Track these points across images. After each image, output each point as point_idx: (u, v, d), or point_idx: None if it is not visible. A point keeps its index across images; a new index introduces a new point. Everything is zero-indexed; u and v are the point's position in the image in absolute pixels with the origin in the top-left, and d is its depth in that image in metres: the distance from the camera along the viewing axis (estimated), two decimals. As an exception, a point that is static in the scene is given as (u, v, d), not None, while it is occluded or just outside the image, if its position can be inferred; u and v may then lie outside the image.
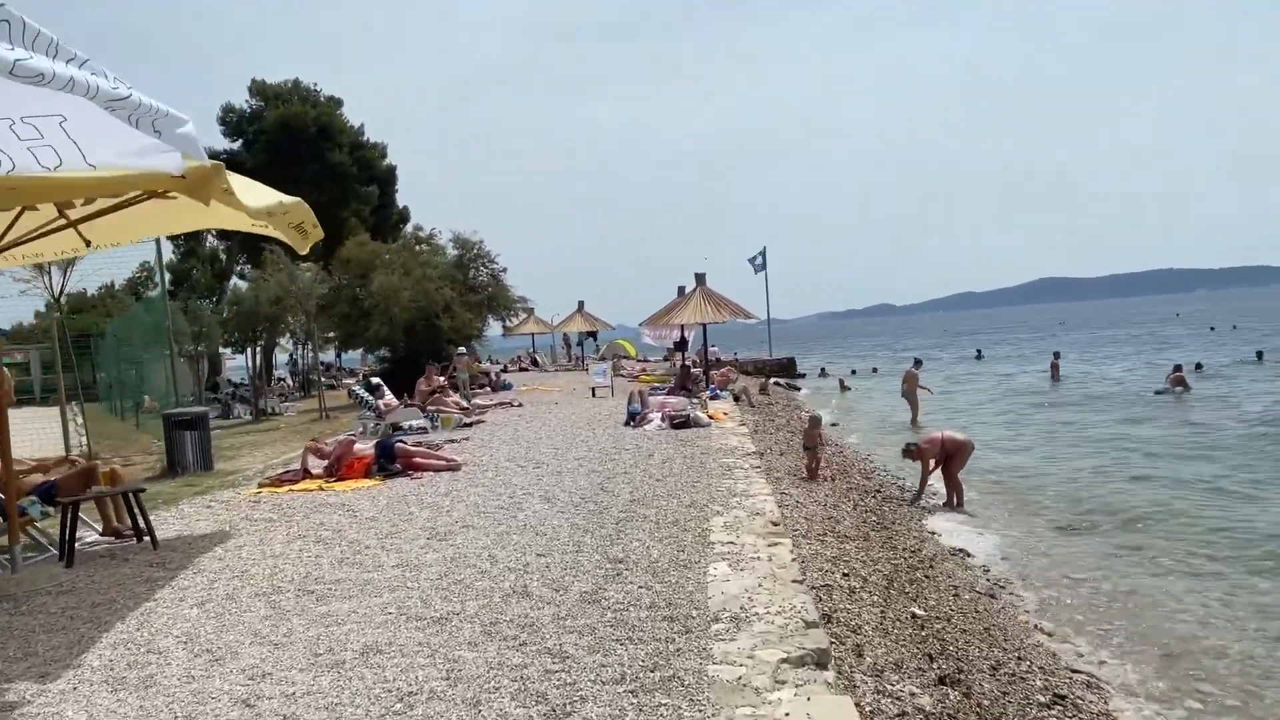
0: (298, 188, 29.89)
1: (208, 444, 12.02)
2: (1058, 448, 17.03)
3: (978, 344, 64.74)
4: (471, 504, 8.10)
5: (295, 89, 39.30)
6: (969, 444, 12.28)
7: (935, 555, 9.23)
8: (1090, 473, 14.38)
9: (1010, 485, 13.76)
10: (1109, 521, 11.18)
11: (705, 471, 9.34)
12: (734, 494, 7.96)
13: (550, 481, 9.09)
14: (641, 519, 6.96)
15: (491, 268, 28.85)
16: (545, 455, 11.28)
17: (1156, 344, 51.45)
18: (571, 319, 40.60)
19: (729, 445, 11.65)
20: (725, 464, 9.90)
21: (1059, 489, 13.34)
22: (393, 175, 44.83)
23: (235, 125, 39.20)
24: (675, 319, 24.62)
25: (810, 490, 11.07)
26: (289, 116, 37.18)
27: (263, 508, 8.78)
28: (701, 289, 23.64)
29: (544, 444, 12.60)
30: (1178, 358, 39.30)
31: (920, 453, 12.28)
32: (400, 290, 26.09)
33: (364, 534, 7.14)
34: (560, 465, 10.25)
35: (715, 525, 6.66)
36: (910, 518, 11.19)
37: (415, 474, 10.22)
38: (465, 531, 6.93)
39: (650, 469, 9.57)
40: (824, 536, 8.56)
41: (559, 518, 7.22)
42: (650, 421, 14.49)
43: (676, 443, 12.05)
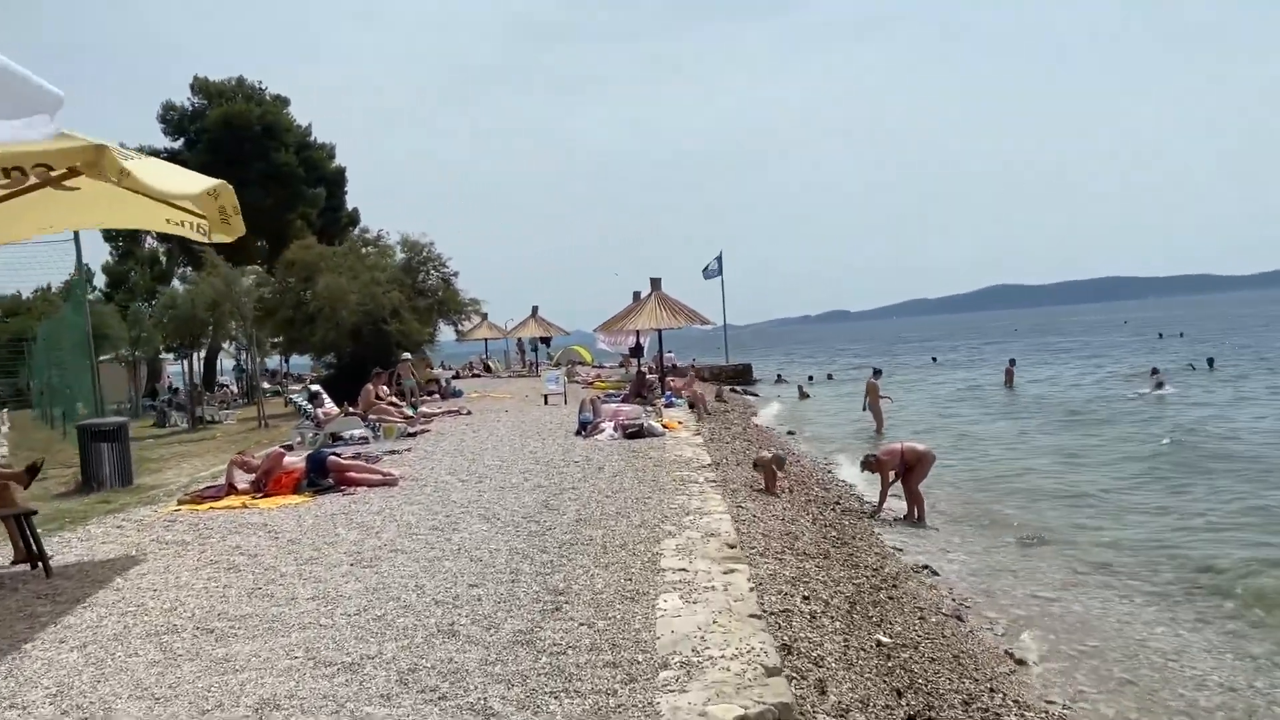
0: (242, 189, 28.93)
1: (127, 457, 11.24)
2: (1018, 457, 16.81)
3: (933, 350, 65.10)
4: (404, 524, 7.49)
5: (240, 87, 38.22)
6: (930, 455, 11.90)
7: (898, 573, 8.80)
8: (1052, 483, 14.12)
9: (971, 497, 13.43)
10: (1075, 535, 10.87)
11: (658, 486, 8.81)
12: (687, 511, 7.44)
13: (492, 498, 8.50)
14: (587, 542, 6.41)
15: (442, 271, 28.12)
16: (489, 468, 10.68)
17: (1105, 351, 52.00)
18: (525, 324, 39.90)
19: (683, 456, 11.14)
20: (679, 477, 9.39)
21: (1021, 501, 13.04)
22: (342, 177, 43.81)
23: (176, 124, 37.99)
24: (630, 325, 24.11)
25: (767, 504, 10.59)
26: (232, 114, 36.09)
27: (177, 528, 8.09)
28: (657, 294, 23.14)
29: (489, 455, 12.00)
30: (1130, 363, 39.72)
31: (879, 464, 11.88)
32: (346, 294, 25.27)
33: (282, 559, 6.50)
34: (504, 479, 9.66)
35: (667, 548, 6.14)
36: (871, 532, 10.77)
37: (348, 489, 9.56)
38: (393, 557, 6.32)
39: (599, 484, 9.02)
40: (782, 554, 8.07)
41: (497, 540, 6.64)
42: (602, 431, 13.93)
43: (629, 454, 11.52)
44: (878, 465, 11.86)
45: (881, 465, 11.81)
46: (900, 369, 47.01)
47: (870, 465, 12.00)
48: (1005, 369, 34.28)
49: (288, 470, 9.81)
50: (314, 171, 39.87)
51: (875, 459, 11.93)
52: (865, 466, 12.13)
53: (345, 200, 44.78)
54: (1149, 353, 45.94)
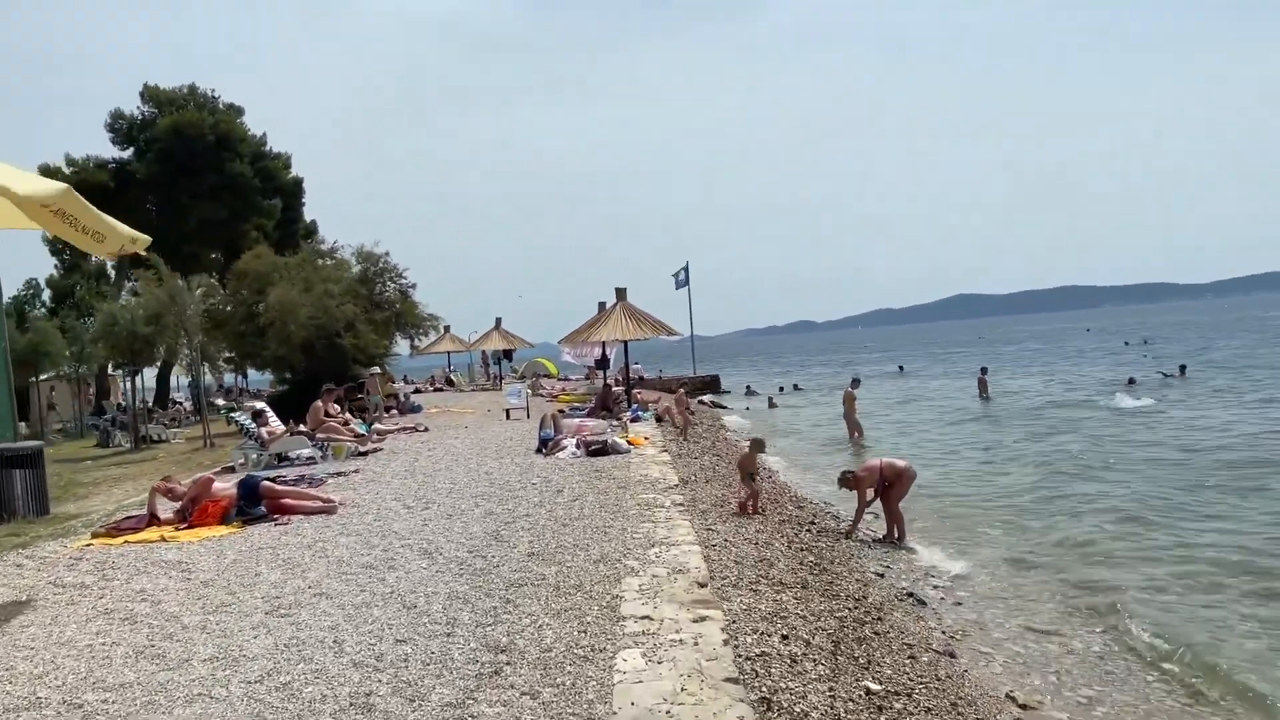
0: (194, 200, 27.70)
1: (42, 484, 10.32)
2: (997, 470, 16.21)
3: (899, 359, 64.96)
4: (335, 560, 6.68)
5: (191, 95, 37.08)
6: (910, 472, 11.23)
7: (882, 603, 8.10)
8: (1034, 498, 13.52)
9: (952, 513, 12.79)
10: (1064, 553, 10.24)
11: (620, 512, 8.07)
12: (653, 542, 6.71)
13: (437, 528, 7.71)
14: (537, 581, 5.65)
15: (399, 283, 27.20)
16: (439, 492, 9.87)
17: (1070, 357, 52.01)
18: (488, 336, 39.02)
19: (649, 476, 10.41)
20: (644, 500, 8.65)
21: (1005, 516, 12.41)
22: (299, 188, 42.74)
23: (125, 133, 36.77)
24: (595, 336, 23.40)
25: (739, 526, 9.88)
26: (183, 123, 34.94)
27: (81, 568, 7.21)
28: (622, 304, 22.46)
29: (441, 477, 11.18)
30: (1096, 370, 39.57)
31: (857, 481, 11.20)
32: (297, 306, 24.30)
33: (188, 606, 5.67)
34: (454, 505, 8.87)
35: (629, 589, 5.39)
36: (850, 555, 10.07)
37: (281, 519, 8.72)
38: (315, 603, 5.52)
39: (557, 510, 8.25)
40: (757, 585, 7.35)
41: (436, 580, 5.86)
42: (564, 449, 13.18)
43: (591, 474, 10.76)
44: (855, 482, 11.19)
45: (859, 482, 11.14)
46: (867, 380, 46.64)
47: (848, 482, 11.32)
48: (978, 378, 33.84)
49: (215, 498, 8.94)
50: (270, 182, 38.80)
51: (853, 476, 11.26)
52: (843, 484, 11.45)
53: (303, 211, 43.71)
54: (1111, 356, 45.91)
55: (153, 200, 37.05)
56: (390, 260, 27.31)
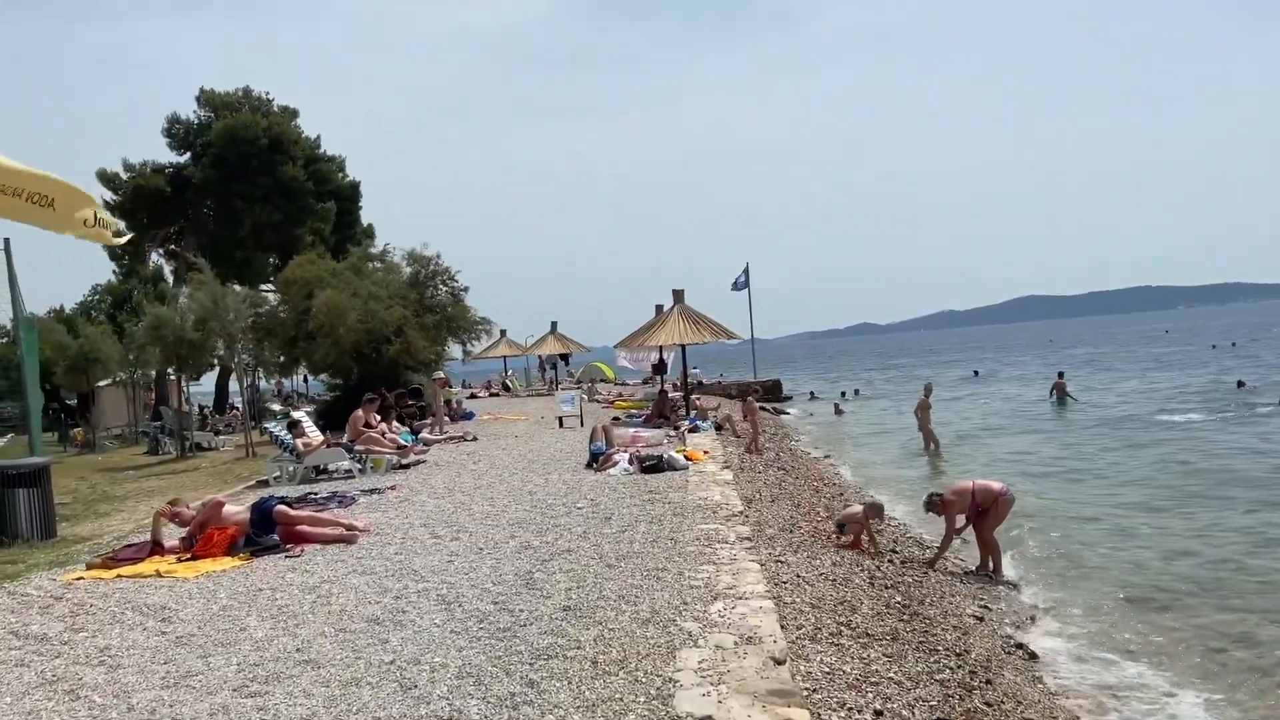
0: (248, 204, 27.10)
1: (48, 504, 9.47)
2: (1099, 486, 14.64)
3: (968, 363, 62.75)
4: (337, 611, 5.62)
5: (246, 98, 36.81)
6: (1007, 496, 9.84)
7: (989, 659, 6.81)
8: (1145, 518, 12.03)
9: (1052, 539, 11.34)
10: (1196, 592, 8.81)
11: (677, 548, 6.90)
12: (715, 593, 5.54)
13: (463, 565, 6.63)
14: (571, 652, 4.51)
15: (451, 285, 26.32)
16: (474, 517, 8.81)
17: (1155, 362, 49.47)
18: (544, 341, 38.15)
19: (710, 500, 9.22)
20: (704, 533, 7.47)
21: (1114, 542, 10.96)
22: (356, 191, 42.33)
23: (182, 138, 36.62)
24: (652, 340, 22.23)
25: (812, 556, 8.65)
26: (237, 126, 34.62)
27: (56, 611, 6.26)
28: (680, 306, 21.28)
29: (479, 498, 10.13)
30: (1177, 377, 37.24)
31: (945, 506, 9.86)
32: (345, 311, 23.57)
33: (148, 676, 4.64)
34: (487, 535, 7.79)
35: (685, 667, 4.23)
36: (941, 593, 8.76)
37: (295, 548, 7.73)
38: (298, 676, 4.44)
39: (603, 544, 7.11)
40: (839, 637, 6.13)
41: (449, 644, 4.75)
42: (615, 464, 12.05)
43: (644, 496, 9.61)
44: (943, 507, 9.86)
45: (948, 507, 9.80)
46: (938, 385, 44.78)
47: (935, 506, 9.99)
48: (1055, 383, 31.96)
49: (224, 524, 7.98)
50: (324, 185, 38.38)
51: (940, 499, 9.92)
52: (929, 508, 10.12)
53: (360, 216, 43.32)
54: (1201, 365, 43.44)
55: (209, 205, 36.91)
56: (441, 262, 26.46)
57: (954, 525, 9.83)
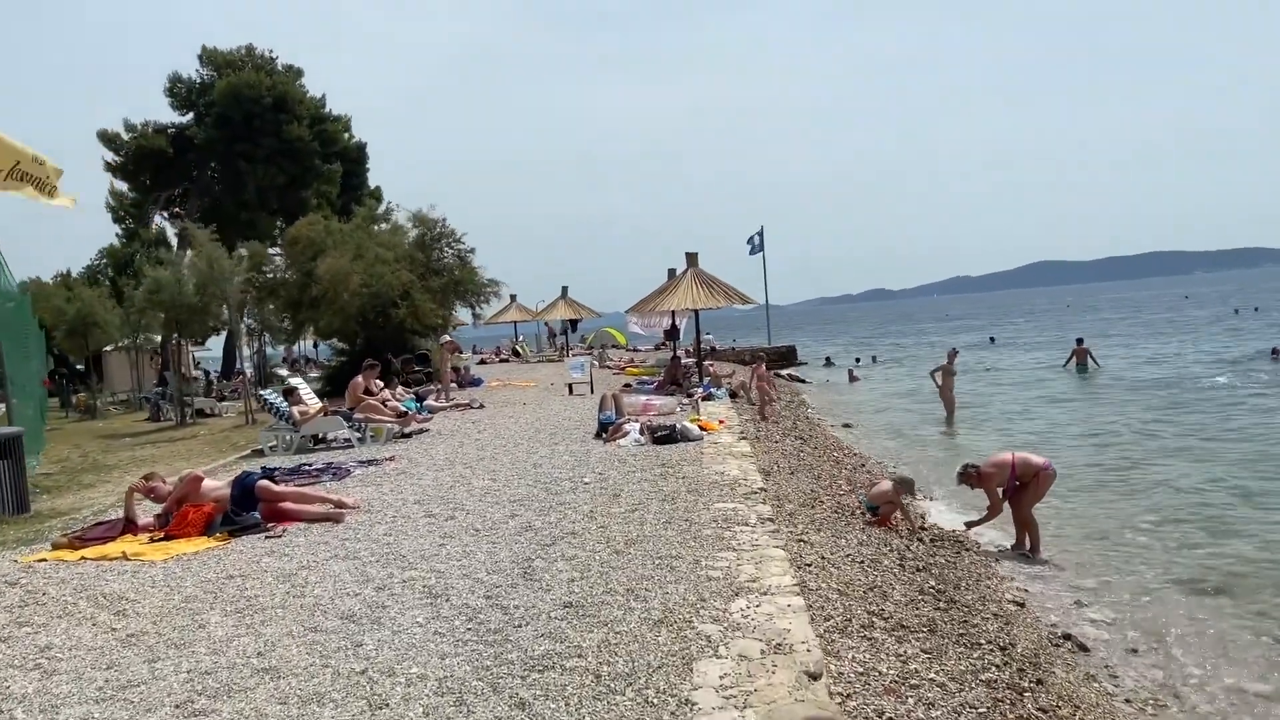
0: (252, 165, 26.37)
1: (21, 476, 8.89)
2: (1136, 459, 13.88)
3: (983, 329, 61.81)
4: (310, 604, 5.00)
5: (249, 56, 35.96)
6: (1049, 470, 9.15)
7: (1036, 653, 6.16)
8: (1188, 495, 11.32)
9: (1087, 514, 10.65)
10: (1253, 574, 8.13)
11: (692, 530, 6.25)
12: (736, 587, 4.89)
13: (456, 550, 6.00)
14: (572, 662, 3.87)
15: (457, 248, 25.62)
16: (473, 493, 8.18)
17: (1179, 328, 48.44)
18: (554, 306, 37.43)
19: (727, 475, 8.57)
20: (721, 513, 6.82)
21: (1155, 517, 10.27)
22: (362, 153, 41.55)
23: (184, 97, 35.86)
24: (665, 305, 21.50)
25: (838, 536, 8.00)
26: (240, 85, 33.82)
27: (6, 599, 5.66)
28: (693, 270, 20.53)
29: (480, 471, 9.52)
30: (1202, 343, 36.28)
31: (982, 478, 9.18)
32: (349, 274, 22.93)
33: (79, 686, 4.03)
34: (485, 514, 7.16)
35: (704, 684, 3.59)
36: (976, 575, 8.11)
37: (276, 527, 7.13)
38: (252, 688, 3.82)
39: (610, 526, 6.47)
40: (871, 629, 5.50)
41: (430, 650, 4.12)
42: (626, 434, 11.41)
43: (656, 470, 8.96)
44: (979, 479, 9.16)
45: (986, 480, 9.11)
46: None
47: (969, 478, 9.29)
48: (1074, 349, 31.08)
49: (201, 502, 7.38)
50: (330, 146, 37.59)
51: (976, 471, 9.22)
52: (963, 479, 9.41)
53: (367, 178, 42.57)
54: (1230, 331, 42.44)
55: (213, 167, 36.22)
56: (448, 224, 25.74)
57: (997, 499, 9.11)
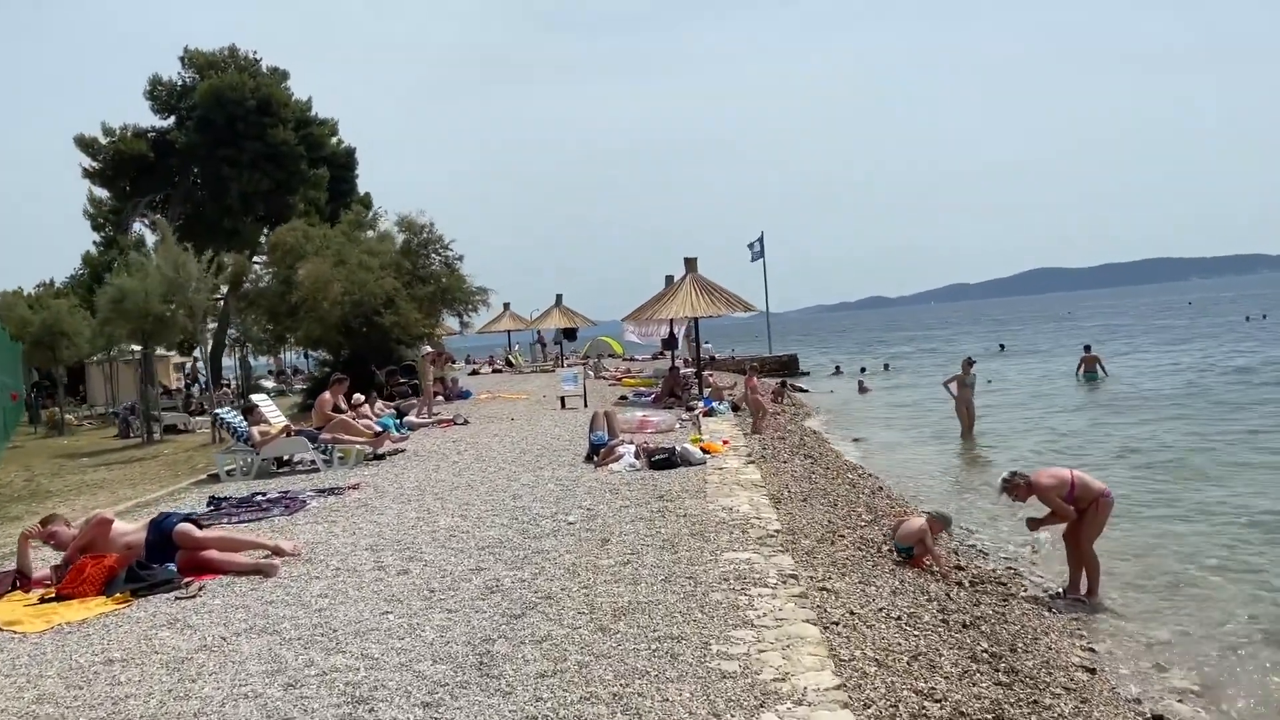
0: (236, 170, 25.03)
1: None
2: (1171, 478, 12.66)
3: (985, 337, 60.62)
4: (191, 712, 3.76)
5: (233, 57, 34.78)
6: (1109, 498, 7.87)
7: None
8: (1249, 519, 10.08)
9: (1142, 546, 9.40)
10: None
11: (697, 595, 5.01)
12: (760, 690, 3.65)
13: (401, 624, 4.76)
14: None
15: (444, 254, 24.44)
16: (438, 536, 6.93)
17: (1195, 335, 47.26)
18: (549, 314, 36.24)
19: (736, 511, 7.33)
20: (733, 567, 5.59)
21: (1225, 551, 9.01)
22: (351, 158, 40.38)
23: (165, 100, 34.65)
24: (662, 313, 20.36)
25: (866, 582, 6.76)
26: (223, 87, 32.62)
27: None
28: (693, 276, 19.38)
29: (451, 503, 8.28)
30: (1224, 350, 35.03)
31: (1036, 489, 7.76)
32: (330, 281, 21.72)
33: None
34: (446, 567, 5.92)
35: None
36: (1033, 631, 6.86)
37: (193, 584, 5.89)
38: None
39: (597, 586, 5.23)
40: (923, 715, 4.26)
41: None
42: (620, 457, 10.17)
43: (653, 505, 7.72)
44: (1035, 490, 7.77)
45: (1043, 492, 7.68)
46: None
47: (1017, 489, 7.84)
48: (1082, 356, 29.83)
49: (101, 555, 6.12)
50: (317, 150, 36.40)
51: (1025, 481, 7.83)
52: (1009, 490, 7.93)
53: (357, 184, 41.38)
54: (1240, 338, 41.29)
55: (195, 172, 35.04)
56: (436, 230, 24.57)
57: (1066, 506, 7.72)
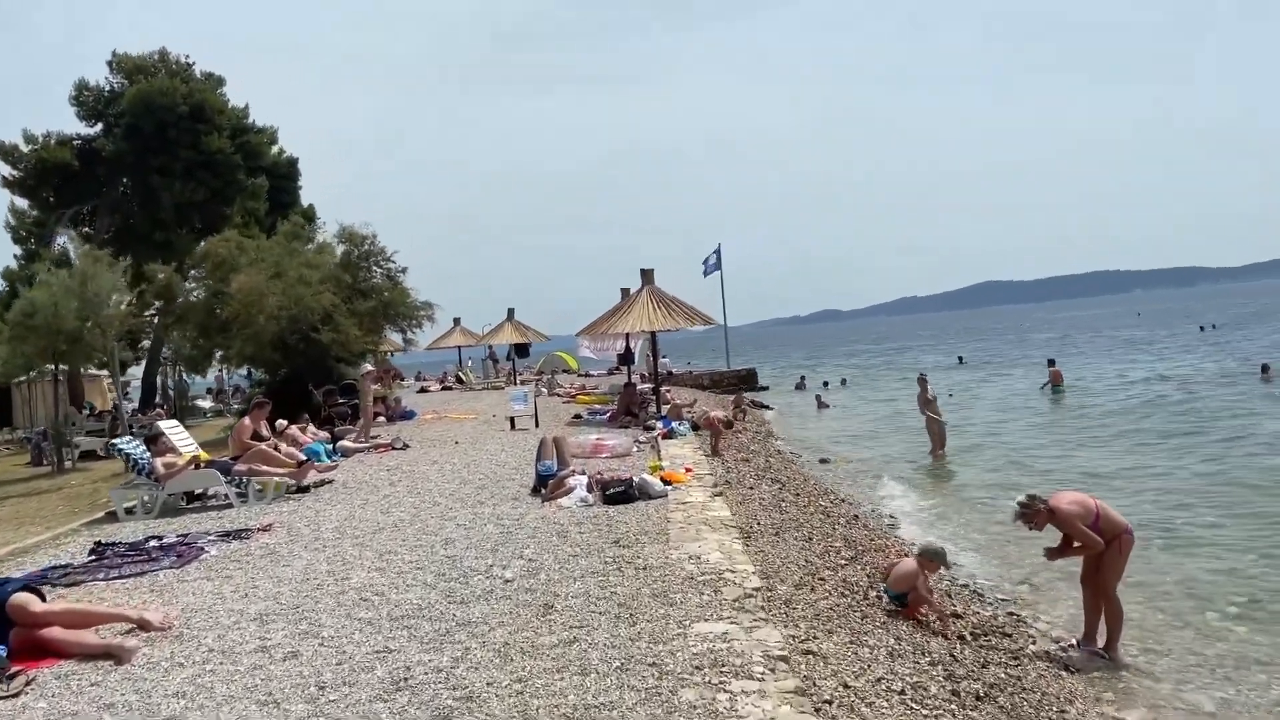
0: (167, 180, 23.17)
1: None
2: (1165, 503, 11.78)
3: (940, 349, 60.38)
4: None
5: (163, 62, 33.07)
6: (1131, 535, 6.87)
7: None
8: (1263, 551, 9.20)
9: (1153, 588, 8.40)
10: None
11: (663, 696, 3.88)
12: None
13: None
14: None
15: (386, 267, 23.11)
16: (345, 600, 5.73)
17: (1146, 347, 47.25)
18: (500, 329, 34.91)
19: (706, 562, 6.21)
20: (707, 646, 4.47)
21: (1245, 594, 8.09)
22: (293, 168, 38.73)
23: (92, 106, 32.80)
24: (618, 327, 19.24)
25: (857, 641, 5.69)
26: (152, 93, 30.88)
27: None
28: (649, 289, 18.32)
29: (371, 552, 7.08)
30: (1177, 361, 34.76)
31: (1058, 517, 6.68)
32: (264, 295, 20.31)
33: None
34: (345, 648, 4.72)
35: None
36: (1052, 695, 5.83)
37: (28, 670, 4.64)
38: None
39: (533, 679, 4.08)
40: None
41: None
42: (570, 490, 9.02)
43: (608, 552, 6.58)
44: (1055, 517, 6.70)
45: (1067, 520, 6.61)
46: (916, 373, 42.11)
47: (1036, 515, 6.72)
48: (1050, 372, 29.33)
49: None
50: (254, 160, 34.75)
51: (1046, 507, 6.75)
52: (1026, 516, 6.78)
53: (299, 195, 39.74)
54: (1184, 349, 41.22)
55: (124, 182, 33.26)
56: (378, 242, 23.24)
57: (1094, 536, 6.65)
